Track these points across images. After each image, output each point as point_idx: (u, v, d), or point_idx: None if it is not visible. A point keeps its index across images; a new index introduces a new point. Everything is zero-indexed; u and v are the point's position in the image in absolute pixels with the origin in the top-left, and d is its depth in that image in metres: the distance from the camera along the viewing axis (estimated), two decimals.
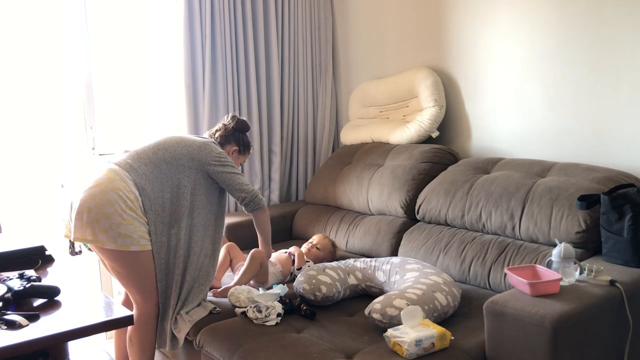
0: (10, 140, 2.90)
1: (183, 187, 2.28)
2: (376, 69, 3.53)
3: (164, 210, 2.24)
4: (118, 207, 2.12)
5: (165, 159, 2.28)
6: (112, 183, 2.15)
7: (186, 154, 2.31)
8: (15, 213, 2.85)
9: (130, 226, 2.13)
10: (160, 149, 2.30)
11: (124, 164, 2.24)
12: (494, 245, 2.44)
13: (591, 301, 1.82)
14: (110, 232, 2.10)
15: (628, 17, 2.40)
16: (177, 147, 2.32)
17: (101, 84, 3.11)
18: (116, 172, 2.20)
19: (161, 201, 2.24)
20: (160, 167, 2.26)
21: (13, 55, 2.86)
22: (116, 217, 2.11)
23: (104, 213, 2.10)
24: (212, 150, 2.35)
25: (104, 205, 2.11)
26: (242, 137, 2.57)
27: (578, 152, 2.62)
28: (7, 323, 1.51)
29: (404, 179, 2.86)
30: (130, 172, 2.21)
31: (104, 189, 2.14)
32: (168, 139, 2.37)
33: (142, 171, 2.23)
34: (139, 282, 2.21)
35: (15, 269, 1.89)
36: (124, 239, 2.12)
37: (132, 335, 2.28)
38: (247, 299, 2.31)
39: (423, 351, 1.82)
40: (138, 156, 2.27)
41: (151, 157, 2.27)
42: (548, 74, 2.70)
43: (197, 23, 3.19)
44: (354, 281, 2.40)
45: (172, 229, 2.26)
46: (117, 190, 2.14)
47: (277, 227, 3.29)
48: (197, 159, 2.31)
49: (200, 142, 2.38)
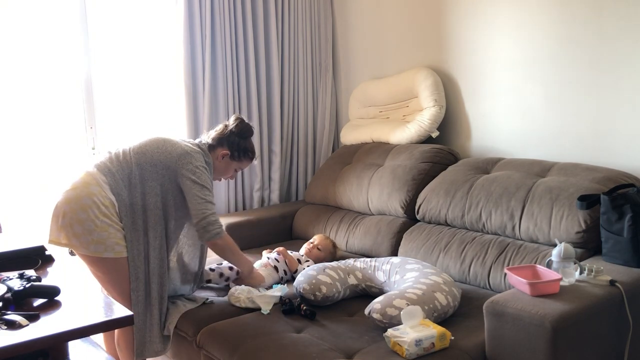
0: (11, 140, 2.90)
1: (155, 195, 2.22)
2: (376, 69, 3.53)
3: (138, 217, 2.20)
4: (92, 213, 2.10)
5: (140, 163, 2.22)
6: (88, 188, 2.13)
7: (163, 161, 2.23)
8: (15, 213, 2.85)
9: (103, 233, 2.11)
10: (138, 153, 2.24)
11: (102, 167, 2.20)
12: (494, 245, 2.44)
13: (591, 301, 1.82)
14: (83, 238, 2.09)
15: (628, 16, 2.39)
16: (155, 152, 2.25)
17: (101, 84, 3.11)
18: (93, 176, 2.16)
19: (135, 208, 2.20)
20: (133, 172, 2.21)
21: (13, 56, 2.86)
22: (89, 223, 2.09)
23: (78, 219, 2.09)
24: (191, 161, 2.23)
25: (77, 210, 2.10)
26: (239, 142, 2.42)
27: (578, 152, 2.62)
28: (7, 323, 1.51)
29: (404, 179, 2.86)
30: (107, 176, 2.17)
31: (79, 193, 2.12)
32: (150, 142, 2.29)
33: (119, 176, 2.19)
34: (118, 286, 2.19)
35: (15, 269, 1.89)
36: (97, 245, 2.10)
37: (119, 340, 2.27)
38: (247, 299, 2.32)
39: (423, 351, 1.82)
40: (117, 159, 2.23)
41: (128, 161, 2.22)
42: (548, 73, 2.70)
43: (197, 23, 3.19)
44: (354, 281, 2.40)
45: (146, 237, 2.23)
46: (92, 196, 2.11)
47: (277, 227, 3.30)
48: (172, 168, 2.22)
49: (182, 150, 2.26)
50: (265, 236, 3.20)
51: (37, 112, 2.96)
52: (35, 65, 2.92)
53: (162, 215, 2.25)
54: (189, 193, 2.22)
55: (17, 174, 2.91)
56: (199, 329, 2.22)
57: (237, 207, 3.47)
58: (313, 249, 2.75)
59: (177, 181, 2.24)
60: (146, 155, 2.24)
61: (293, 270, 2.60)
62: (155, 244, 2.24)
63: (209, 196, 2.24)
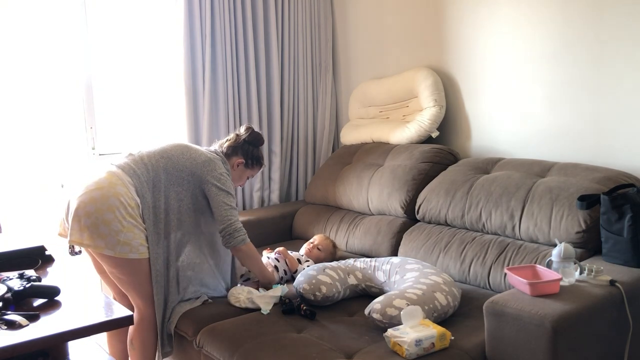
0: (11, 140, 2.90)
1: (178, 200, 2.24)
2: (376, 69, 3.53)
3: (159, 220, 2.21)
4: (119, 214, 2.08)
5: (167, 168, 2.24)
6: (115, 188, 2.11)
7: (188, 167, 2.26)
8: (15, 213, 2.85)
9: (129, 233, 2.10)
10: (164, 157, 2.26)
11: (127, 168, 2.20)
12: (494, 245, 2.44)
13: (591, 301, 1.82)
14: (109, 239, 2.07)
15: (628, 16, 2.40)
16: (181, 158, 2.27)
17: (101, 84, 3.11)
18: (119, 176, 2.16)
19: (157, 211, 2.20)
20: (159, 175, 2.22)
21: (14, 56, 2.86)
22: (116, 224, 2.08)
23: (104, 219, 2.07)
24: (215, 168, 2.28)
25: (104, 211, 2.07)
26: (252, 150, 2.48)
27: (578, 152, 2.62)
28: (7, 323, 1.51)
29: (404, 179, 2.86)
30: (132, 177, 2.17)
31: (106, 193, 2.10)
32: (174, 147, 2.32)
33: (144, 178, 2.19)
34: (140, 287, 2.20)
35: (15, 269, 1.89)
36: (123, 246, 2.09)
37: (134, 338, 2.27)
38: (247, 299, 2.32)
39: (423, 351, 1.82)
40: (142, 161, 2.23)
41: (154, 164, 2.23)
42: (548, 73, 2.70)
43: (197, 23, 3.19)
44: (354, 281, 2.40)
45: (167, 240, 2.24)
46: (118, 196, 2.10)
47: (277, 227, 3.30)
48: (197, 175, 2.26)
49: (206, 157, 2.30)
50: (265, 236, 3.20)
51: (38, 112, 2.96)
52: (35, 65, 2.92)
53: (183, 220, 2.27)
54: (214, 199, 2.25)
55: (17, 174, 2.91)
56: (199, 329, 2.22)
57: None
58: (313, 249, 2.75)
59: (201, 187, 2.27)
60: (172, 160, 2.26)
61: (293, 271, 2.60)
62: (175, 248, 2.26)
63: (233, 202, 2.28)
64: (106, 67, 3.12)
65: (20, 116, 2.91)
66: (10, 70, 2.86)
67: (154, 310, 2.24)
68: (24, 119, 2.92)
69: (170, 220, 2.24)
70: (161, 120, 3.28)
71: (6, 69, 2.84)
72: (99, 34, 3.07)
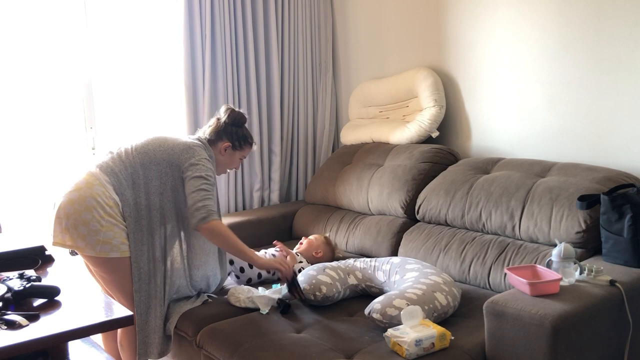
0: (11, 140, 2.90)
1: (159, 194, 2.22)
2: (376, 69, 3.53)
3: (142, 217, 2.20)
4: (96, 214, 2.10)
5: (144, 163, 2.21)
6: (92, 188, 2.12)
7: (166, 159, 2.22)
8: (15, 213, 2.85)
9: (109, 232, 2.11)
10: (141, 153, 2.23)
11: (105, 167, 2.19)
12: (494, 245, 2.44)
13: (591, 301, 1.82)
14: (89, 238, 2.09)
15: (628, 16, 2.39)
16: (158, 150, 2.24)
17: (101, 84, 3.11)
18: (96, 176, 2.16)
19: (139, 207, 2.19)
20: (137, 172, 2.21)
21: (13, 56, 2.86)
22: (94, 223, 2.09)
23: (82, 220, 2.09)
24: (194, 155, 2.23)
25: (82, 211, 2.09)
26: (237, 131, 2.40)
27: (578, 152, 2.62)
28: (7, 323, 1.51)
29: (404, 179, 2.86)
30: (110, 176, 2.17)
31: (83, 194, 2.11)
32: (151, 140, 2.28)
33: (122, 176, 2.18)
34: (123, 287, 2.19)
35: (15, 269, 1.88)
36: (103, 245, 2.10)
37: (122, 339, 2.27)
38: (247, 299, 2.32)
39: (423, 351, 1.82)
40: (120, 159, 2.22)
41: (131, 161, 2.21)
42: (548, 74, 2.70)
43: (197, 23, 3.19)
44: (354, 281, 2.40)
45: (151, 237, 2.22)
46: (95, 196, 2.11)
47: (277, 227, 3.30)
48: (175, 164, 2.22)
49: (184, 145, 2.26)
50: (265, 236, 3.20)
51: (38, 112, 2.96)
52: (35, 65, 2.92)
53: (167, 215, 2.25)
54: (186, 185, 2.19)
55: (17, 174, 2.91)
56: (199, 329, 2.22)
57: (237, 207, 3.47)
58: (305, 239, 2.78)
59: (182, 177, 2.22)
60: (149, 154, 2.23)
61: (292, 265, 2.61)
62: (160, 244, 2.24)
63: (205, 185, 2.19)
64: (106, 67, 3.12)
65: (20, 116, 2.91)
66: (10, 71, 2.86)
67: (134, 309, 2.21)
68: (24, 119, 2.92)
69: (153, 216, 2.22)
70: (161, 120, 3.28)
71: (6, 69, 2.84)
72: (99, 34, 3.07)
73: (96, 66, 3.08)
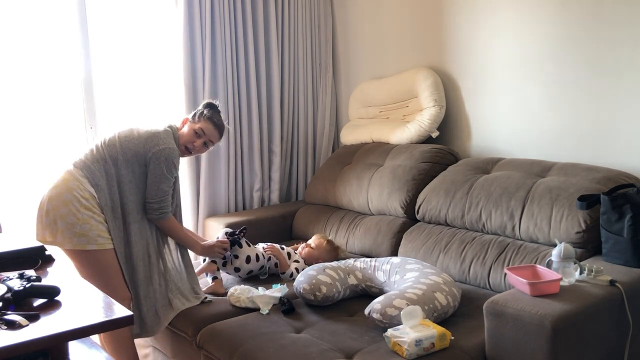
0: (11, 140, 2.90)
1: (129, 182, 2.30)
2: (376, 69, 3.53)
3: (116, 205, 2.28)
4: (73, 207, 2.18)
5: (112, 154, 2.30)
6: (67, 184, 2.23)
7: (132, 148, 2.32)
8: (15, 213, 2.85)
9: (85, 225, 2.19)
10: (109, 145, 2.33)
11: (79, 163, 2.30)
12: (494, 245, 2.44)
13: (591, 301, 1.83)
14: (67, 232, 2.18)
15: (628, 16, 2.40)
16: (124, 140, 2.33)
17: (101, 84, 3.10)
18: (71, 172, 2.27)
19: (113, 197, 2.28)
20: (108, 163, 2.29)
21: (13, 55, 2.86)
22: (71, 217, 2.18)
23: (60, 214, 2.19)
24: (159, 143, 2.31)
25: (59, 206, 2.19)
26: (201, 109, 2.49)
27: (578, 152, 2.62)
28: (7, 323, 1.51)
29: (404, 179, 2.86)
30: (83, 169, 2.26)
31: (60, 190, 2.22)
32: (119, 133, 2.37)
33: (95, 167, 2.27)
34: (102, 279, 2.21)
35: (15, 269, 1.88)
36: (80, 238, 2.18)
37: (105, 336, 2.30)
38: (247, 299, 2.32)
39: (423, 351, 1.82)
40: (92, 154, 2.32)
41: (102, 154, 2.31)
42: (548, 73, 2.70)
43: (197, 23, 3.19)
44: (354, 281, 2.40)
45: (126, 224, 2.30)
46: (71, 191, 2.21)
47: (277, 227, 3.29)
48: (140, 153, 2.31)
49: (149, 133, 2.35)
50: (265, 236, 3.19)
51: (37, 112, 2.96)
52: (35, 65, 2.92)
53: (139, 201, 2.33)
54: (149, 175, 2.31)
55: (17, 174, 2.91)
56: (199, 329, 2.22)
57: (237, 207, 3.47)
58: (305, 247, 2.78)
59: (147, 164, 2.31)
60: (115, 146, 2.32)
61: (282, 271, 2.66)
62: (134, 228, 2.31)
63: (164, 184, 2.31)
64: (106, 67, 3.12)
65: (20, 116, 2.91)
66: (10, 70, 2.86)
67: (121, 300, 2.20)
68: (24, 119, 2.92)
69: (125, 202, 2.30)
70: (161, 120, 3.27)
71: (6, 69, 2.84)
72: (99, 33, 3.07)
73: (96, 66, 3.07)
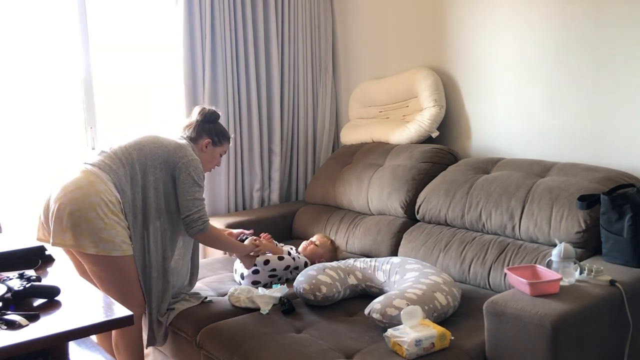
0: (10, 140, 2.90)
1: (154, 189, 2.26)
2: (376, 69, 3.53)
3: (138, 212, 2.23)
4: (100, 211, 2.10)
5: (140, 159, 2.25)
6: (94, 186, 2.13)
7: (161, 155, 2.27)
8: (15, 213, 2.85)
9: (112, 230, 2.12)
10: (136, 149, 2.27)
11: (103, 165, 2.21)
12: (494, 245, 2.44)
13: (591, 301, 1.83)
14: (93, 236, 2.09)
15: (628, 16, 2.40)
16: (152, 147, 2.28)
17: (101, 84, 3.11)
18: (96, 174, 2.17)
19: (136, 203, 2.23)
20: (135, 168, 2.24)
21: (13, 55, 2.86)
22: (98, 221, 2.09)
23: (86, 217, 2.08)
24: (187, 154, 2.29)
25: (86, 209, 2.09)
26: (214, 127, 2.47)
27: (578, 152, 2.62)
28: (7, 323, 1.51)
29: (404, 179, 2.86)
30: (110, 173, 2.19)
31: (86, 192, 2.11)
32: (144, 138, 2.33)
33: (121, 173, 2.21)
34: (121, 285, 2.19)
35: (15, 269, 1.88)
36: (106, 244, 2.10)
37: (118, 341, 2.28)
38: (247, 298, 2.32)
39: (423, 351, 1.82)
40: (116, 157, 2.25)
41: (127, 158, 2.24)
42: (548, 73, 2.70)
43: (197, 23, 3.19)
44: (354, 281, 2.40)
45: (145, 230, 2.26)
46: (99, 194, 2.12)
47: (277, 227, 3.29)
48: (170, 162, 2.27)
49: (176, 143, 2.32)
50: None
51: (37, 112, 2.96)
52: (35, 65, 2.92)
53: (160, 209, 2.29)
54: (180, 187, 2.27)
55: (17, 174, 2.91)
56: (199, 329, 2.22)
57: (237, 207, 3.47)
58: (310, 245, 2.77)
59: (173, 174, 2.28)
60: (144, 150, 2.27)
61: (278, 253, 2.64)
62: (155, 237, 2.27)
63: (199, 193, 2.30)
64: (106, 67, 3.12)
65: (20, 116, 2.91)
66: (10, 70, 2.86)
67: (135, 307, 2.21)
68: (24, 118, 2.92)
69: (147, 209, 2.26)
70: (161, 120, 3.28)
71: (5, 69, 2.84)
72: (99, 33, 3.07)
73: (96, 66, 3.08)
